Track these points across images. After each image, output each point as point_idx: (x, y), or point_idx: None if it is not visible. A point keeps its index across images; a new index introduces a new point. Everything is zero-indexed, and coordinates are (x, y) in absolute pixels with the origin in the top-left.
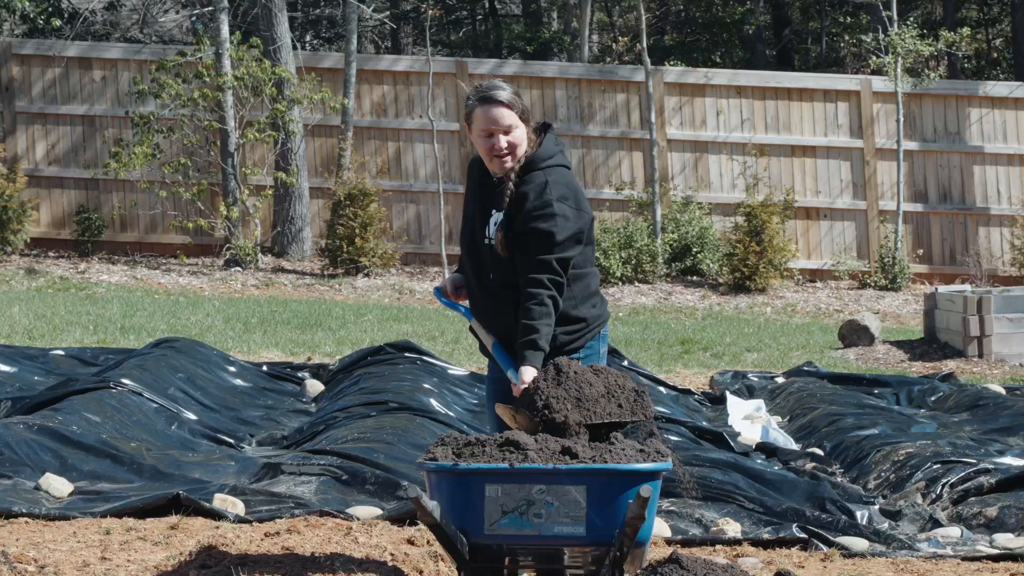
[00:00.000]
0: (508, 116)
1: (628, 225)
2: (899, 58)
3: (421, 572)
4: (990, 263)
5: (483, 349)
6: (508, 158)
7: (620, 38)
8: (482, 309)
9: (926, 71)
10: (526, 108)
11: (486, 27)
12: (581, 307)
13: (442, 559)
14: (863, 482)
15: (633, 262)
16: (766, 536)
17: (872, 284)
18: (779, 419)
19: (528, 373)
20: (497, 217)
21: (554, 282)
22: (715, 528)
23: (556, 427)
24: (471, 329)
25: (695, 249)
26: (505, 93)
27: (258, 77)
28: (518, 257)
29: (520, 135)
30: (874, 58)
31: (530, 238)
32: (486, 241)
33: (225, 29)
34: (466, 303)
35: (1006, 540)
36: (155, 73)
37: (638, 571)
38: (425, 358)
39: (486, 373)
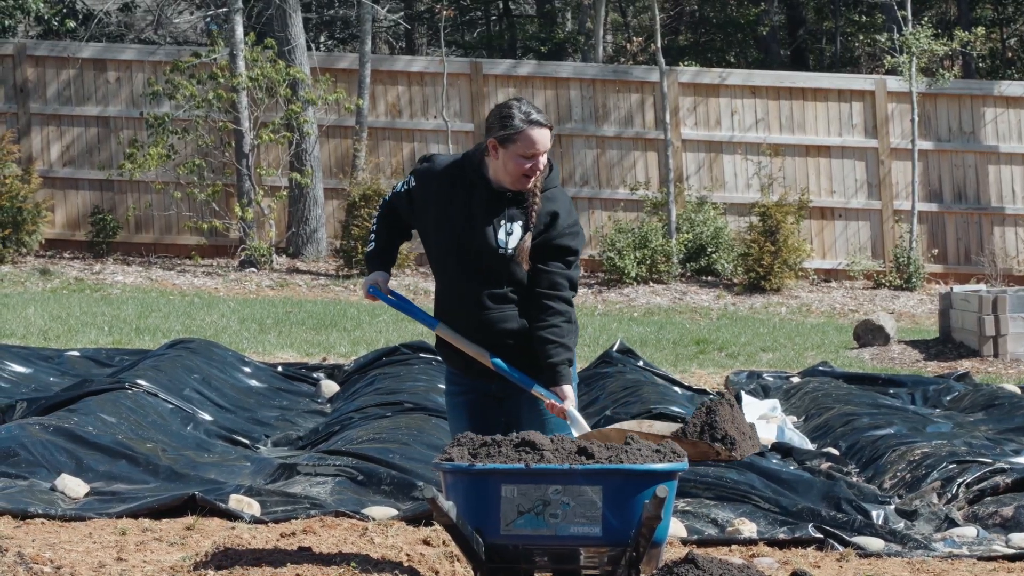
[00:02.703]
0: (549, 138)
1: (643, 225)
2: (914, 58)
3: (437, 573)
4: (1005, 263)
5: (448, 356)
6: (535, 177)
7: (634, 38)
8: (478, 319)
9: (941, 71)
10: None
11: (500, 27)
12: None
13: (458, 560)
14: (879, 482)
15: (648, 262)
16: (782, 536)
17: (887, 284)
18: (794, 419)
19: (569, 391)
20: (510, 227)
21: (573, 298)
22: (731, 528)
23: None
24: (438, 344)
25: (710, 249)
26: (544, 116)
27: (272, 78)
28: (535, 268)
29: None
30: (888, 58)
31: (559, 253)
32: (501, 251)
33: (239, 30)
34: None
35: (1022, 540)
36: (169, 74)
37: (654, 571)
38: (440, 358)
39: (447, 394)
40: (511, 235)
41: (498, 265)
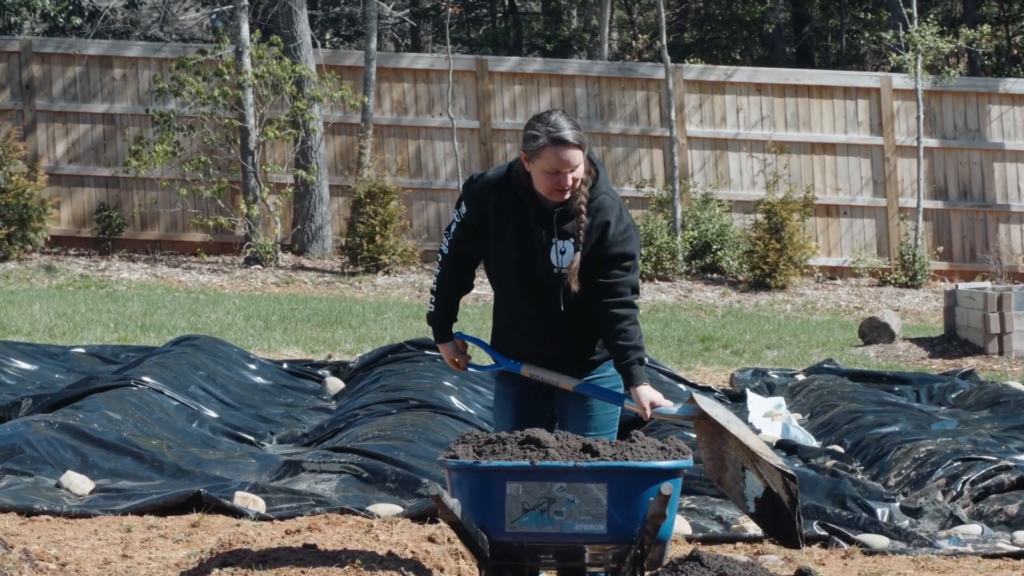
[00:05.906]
0: (578, 156)
1: (648, 222)
2: (919, 55)
3: (442, 570)
4: (1010, 260)
5: (502, 348)
6: (570, 191)
7: (640, 35)
8: (535, 334)
9: (946, 68)
10: (586, 140)
11: (506, 24)
12: None
13: (463, 557)
14: (883, 479)
15: (653, 259)
16: None
17: (892, 281)
18: (799, 416)
19: (646, 392)
20: (563, 246)
21: (636, 300)
22: (735, 525)
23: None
24: (494, 330)
25: (715, 246)
26: (574, 132)
27: (278, 75)
28: (594, 280)
29: (582, 169)
30: (894, 55)
31: (615, 261)
32: (555, 270)
33: (245, 27)
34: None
35: None
36: (175, 71)
37: (659, 569)
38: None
39: (497, 382)
40: (564, 253)
41: (554, 283)
